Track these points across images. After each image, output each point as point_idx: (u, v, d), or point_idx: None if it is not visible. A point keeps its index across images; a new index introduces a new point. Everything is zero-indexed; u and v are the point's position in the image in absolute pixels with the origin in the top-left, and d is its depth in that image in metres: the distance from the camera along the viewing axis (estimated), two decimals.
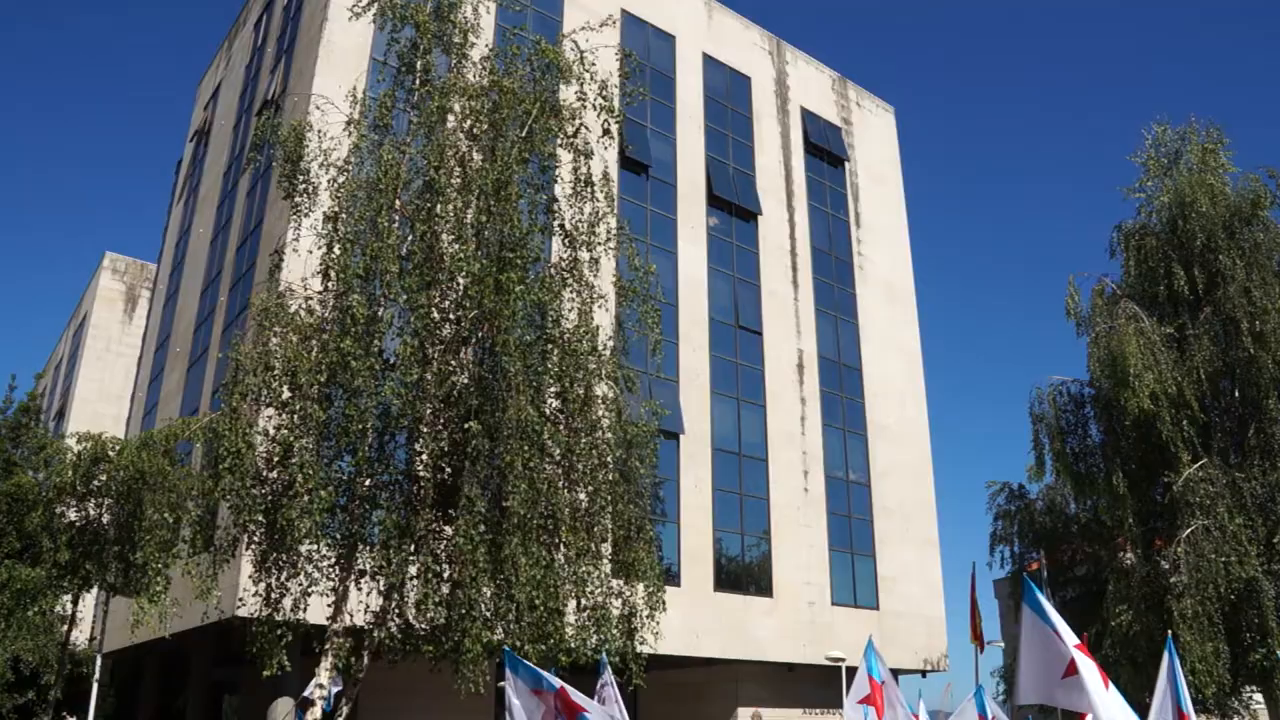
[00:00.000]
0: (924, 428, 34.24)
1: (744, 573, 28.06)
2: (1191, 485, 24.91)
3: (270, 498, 11.98)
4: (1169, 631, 12.31)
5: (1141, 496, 27.22)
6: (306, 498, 11.28)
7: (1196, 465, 25.35)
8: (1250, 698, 27.01)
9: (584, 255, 13.05)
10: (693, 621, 24.34)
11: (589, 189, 13.30)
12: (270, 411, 12.27)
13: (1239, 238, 26.83)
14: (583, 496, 12.30)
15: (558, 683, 10.38)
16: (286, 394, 12.03)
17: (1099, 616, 23.83)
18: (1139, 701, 11.77)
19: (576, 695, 10.24)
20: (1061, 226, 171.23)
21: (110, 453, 17.45)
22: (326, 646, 12.14)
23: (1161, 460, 26.38)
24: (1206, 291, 26.93)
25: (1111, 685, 8.26)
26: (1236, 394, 26.61)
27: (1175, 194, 27.53)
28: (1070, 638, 8.37)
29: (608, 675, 12.67)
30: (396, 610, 12.35)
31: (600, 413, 12.49)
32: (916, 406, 34.31)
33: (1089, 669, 8.21)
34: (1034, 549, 31.18)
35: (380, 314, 12.21)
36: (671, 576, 24.34)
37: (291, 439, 11.66)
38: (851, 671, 15.68)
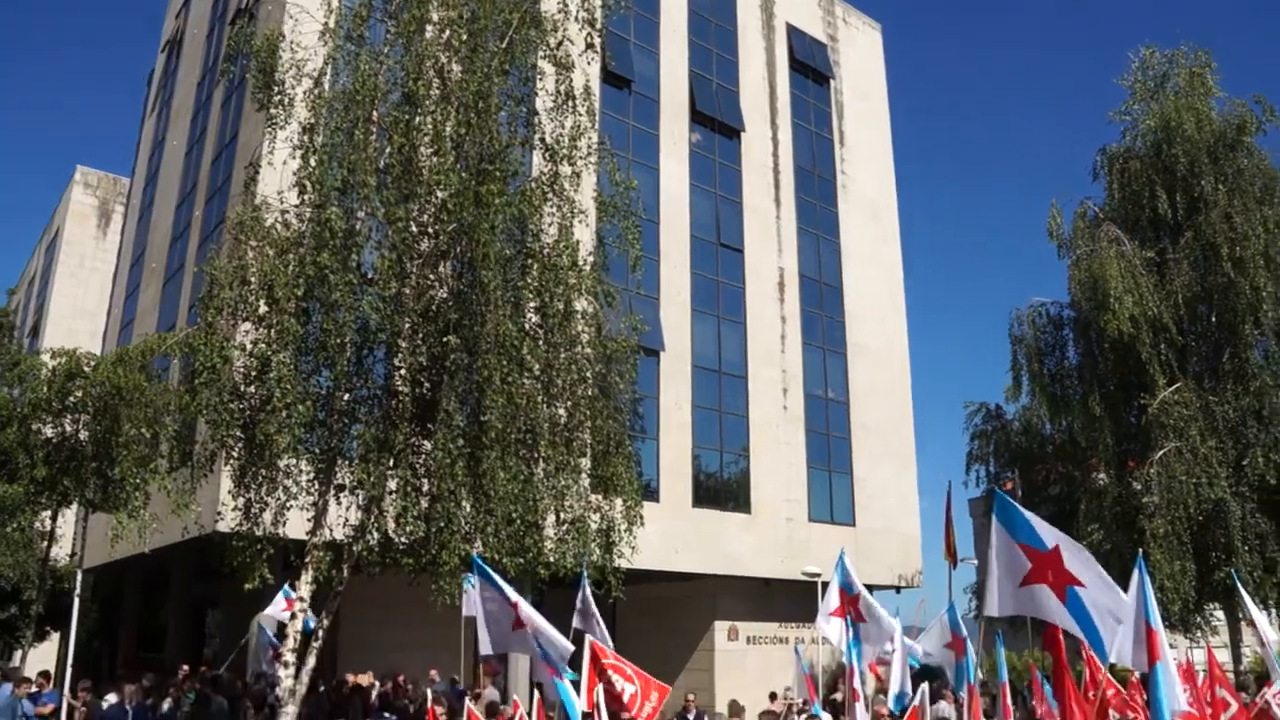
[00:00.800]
0: (903, 347, 34.36)
1: (722, 489, 28.31)
2: (1166, 408, 25.20)
3: (248, 413, 11.94)
4: (1140, 550, 12.49)
5: (1116, 418, 27.53)
6: (284, 412, 11.24)
7: (1172, 388, 25.61)
8: (1212, 614, 27.63)
9: (565, 169, 12.90)
10: (671, 537, 24.59)
11: (570, 103, 13.10)
12: (247, 326, 12.18)
13: (1222, 163, 26.82)
14: (561, 411, 12.31)
15: (515, 597, 10.50)
16: (263, 308, 11.93)
17: (1071, 536, 24.16)
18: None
19: (526, 612, 10.37)
20: (1046, 150, 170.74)
21: (86, 369, 17.31)
22: (306, 560, 12.20)
23: (1138, 383, 26.64)
24: (1188, 216, 26.97)
25: (1092, 575, 8.32)
26: (1213, 319, 26.82)
27: (1161, 118, 27.42)
28: (1049, 538, 8.43)
29: (587, 588, 12.82)
30: (375, 524, 12.39)
31: (580, 328, 12.44)
32: (896, 326, 34.39)
33: (1065, 567, 8.28)
34: (1009, 469, 31.53)
35: (358, 227, 12.07)
36: (650, 492, 24.52)
37: (269, 353, 11.57)
38: (827, 586, 15.90)
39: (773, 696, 23.09)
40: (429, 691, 17.86)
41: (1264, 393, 25.29)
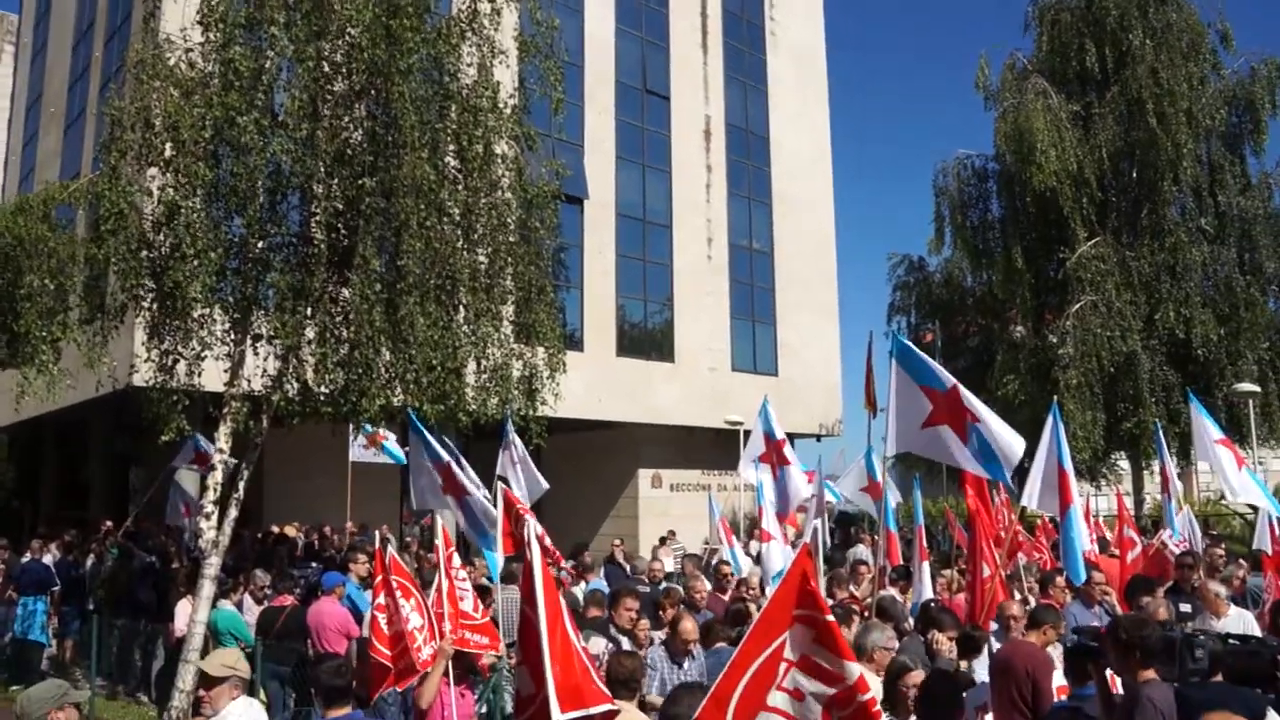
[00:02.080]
0: (829, 199, 34.30)
1: (646, 339, 28.38)
2: (1084, 262, 25.65)
3: (158, 261, 11.53)
4: (1054, 398, 12.77)
5: (1036, 272, 28.03)
6: (195, 261, 10.83)
7: (1091, 243, 26.04)
8: (1116, 463, 28.72)
9: (484, 6, 12.33)
10: (595, 386, 24.68)
11: None
12: (154, 172, 11.66)
13: (1151, 17, 26.80)
14: (482, 257, 12.06)
15: (446, 458, 10.46)
16: (169, 152, 11.40)
17: (987, 387, 24.81)
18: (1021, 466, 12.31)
19: (463, 477, 10.34)
20: (979, 2, 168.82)
21: None
22: (225, 412, 11.99)
23: (1058, 237, 27.04)
24: (1115, 71, 27.01)
25: (986, 413, 8.47)
26: (1134, 175, 27.18)
27: None
28: (948, 379, 8.52)
29: (511, 434, 12.83)
30: (294, 373, 12.16)
31: (500, 172, 12.09)
32: (822, 178, 34.25)
33: (965, 405, 8.40)
34: (930, 320, 32.10)
35: (266, 67, 11.49)
36: (574, 342, 24.48)
37: (177, 199, 11.10)
38: (749, 435, 16.11)
39: (662, 540, 23.65)
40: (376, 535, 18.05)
41: (1179, 249, 25.84)
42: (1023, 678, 7.26)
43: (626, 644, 8.60)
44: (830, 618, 3.95)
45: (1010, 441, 8.34)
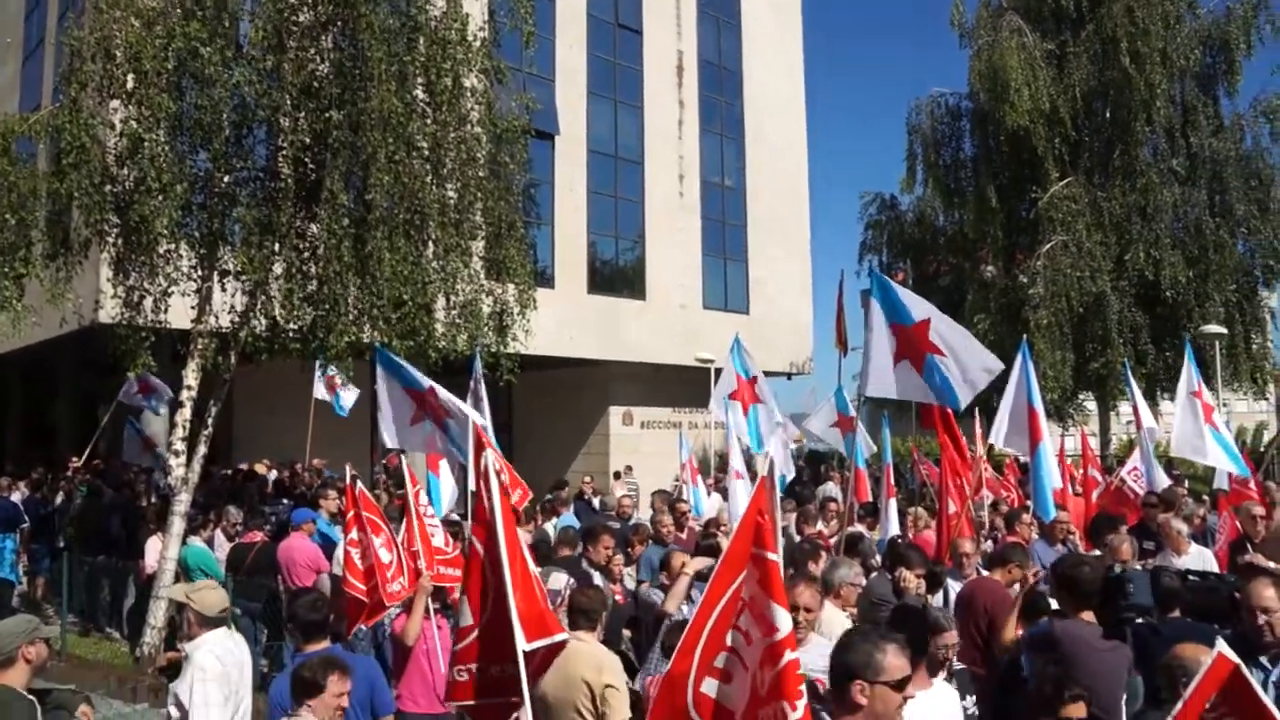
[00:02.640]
0: (802, 136, 34.08)
1: (617, 275, 28.27)
2: (1056, 202, 25.71)
3: (122, 196, 11.36)
4: (1024, 337, 12.82)
5: (1009, 211, 28.09)
6: (160, 195, 10.69)
7: (1063, 183, 26.07)
8: (1083, 404, 29.01)
9: None
10: (566, 323, 24.59)
11: None
12: (116, 104, 11.45)
13: None
14: (451, 192, 11.94)
15: (428, 382, 10.37)
16: (131, 84, 11.18)
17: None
18: (990, 406, 12.40)
19: (445, 397, 10.26)
20: None
21: None
22: (192, 348, 11.90)
23: (1031, 177, 27.06)
24: (1091, 9, 26.89)
25: (959, 337, 8.48)
26: (1108, 115, 27.13)
27: None
28: (919, 312, 8.50)
29: (479, 370, 12.78)
30: (262, 309, 12.08)
31: (470, 105, 11.94)
32: (796, 115, 33.98)
33: (928, 338, 8.40)
34: (901, 259, 32.14)
35: None
36: (545, 279, 24.37)
37: (140, 132, 10.91)
38: (719, 373, 16.14)
39: (616, 475, 23.76)
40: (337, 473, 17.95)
41: (1150, 190, 25.89)
42: (980, 614, 7.38)
43: (599, 579, 8.68)
44: (774, 556, 3.74)
45: (980, 365, 8.36)
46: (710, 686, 3.84)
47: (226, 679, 5.79)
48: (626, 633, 8.49)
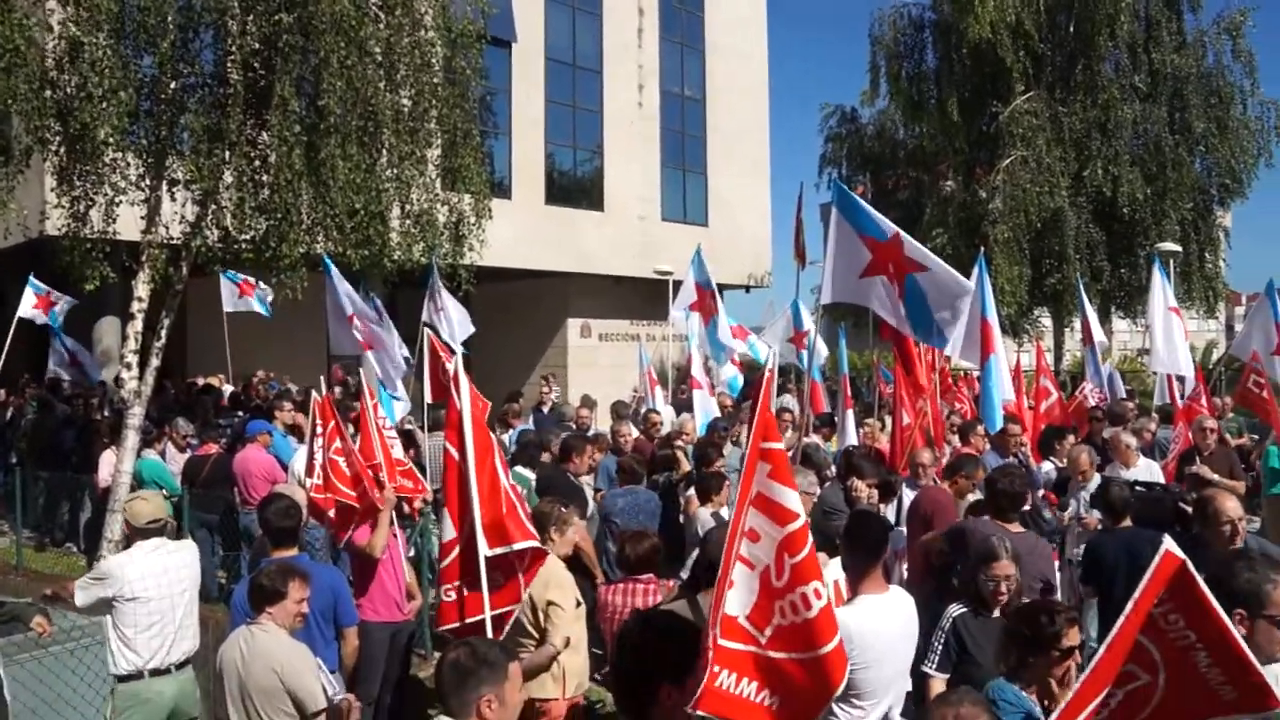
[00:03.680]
0: (763, 48, 33.61)
1: (575, 187, 27.94)
2: (1017, 116, 25.66)
3: (64, 102, 10.97)
4: (981, 250, 12.85)
5: (970, 125, 28.00)
6: (104, 101, 10.34)
7: (1024, 97, 25.99)
8: (1039, 319, 29.29)
9: None
10: (524, 234, 24.35)
11: None
12: (53, 4, 11.01)
13: None
14: (405, 99, 11.67)
15: (350, 310, 10.32)
16: None
17: (916, 240, 24.95)
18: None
19: (371, 329, 10.24)
20: None
21: None
22: (143, 259, 11.65)
23: (993, 90, 26.96)
24: None
25: (933, 261, 8.47)
26: (1072, 29, 26.95)
27: None
28: (889, 228, 8.46)
29: (437, 279, 12.69)
30: (213, 220, 11.81)
31: (424, 9, 11.64)
32: (757, 25, 33.46)
33: (905, 254, 8.35)
34: (860, 173, 32.06)
35: None
36: (503, 190, 24.04)
37: (79, 35, 10.52)
38: (678, 285, 16.10)
39: (580, 402, 23.78)
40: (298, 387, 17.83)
41: (1110, 106, 25.88)
42: (920, 521, 7.55)
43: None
44: (779, 445, 3.77)
45: (954, 290, 8.36)
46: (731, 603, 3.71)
47: (120, 581, 5.99)
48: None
